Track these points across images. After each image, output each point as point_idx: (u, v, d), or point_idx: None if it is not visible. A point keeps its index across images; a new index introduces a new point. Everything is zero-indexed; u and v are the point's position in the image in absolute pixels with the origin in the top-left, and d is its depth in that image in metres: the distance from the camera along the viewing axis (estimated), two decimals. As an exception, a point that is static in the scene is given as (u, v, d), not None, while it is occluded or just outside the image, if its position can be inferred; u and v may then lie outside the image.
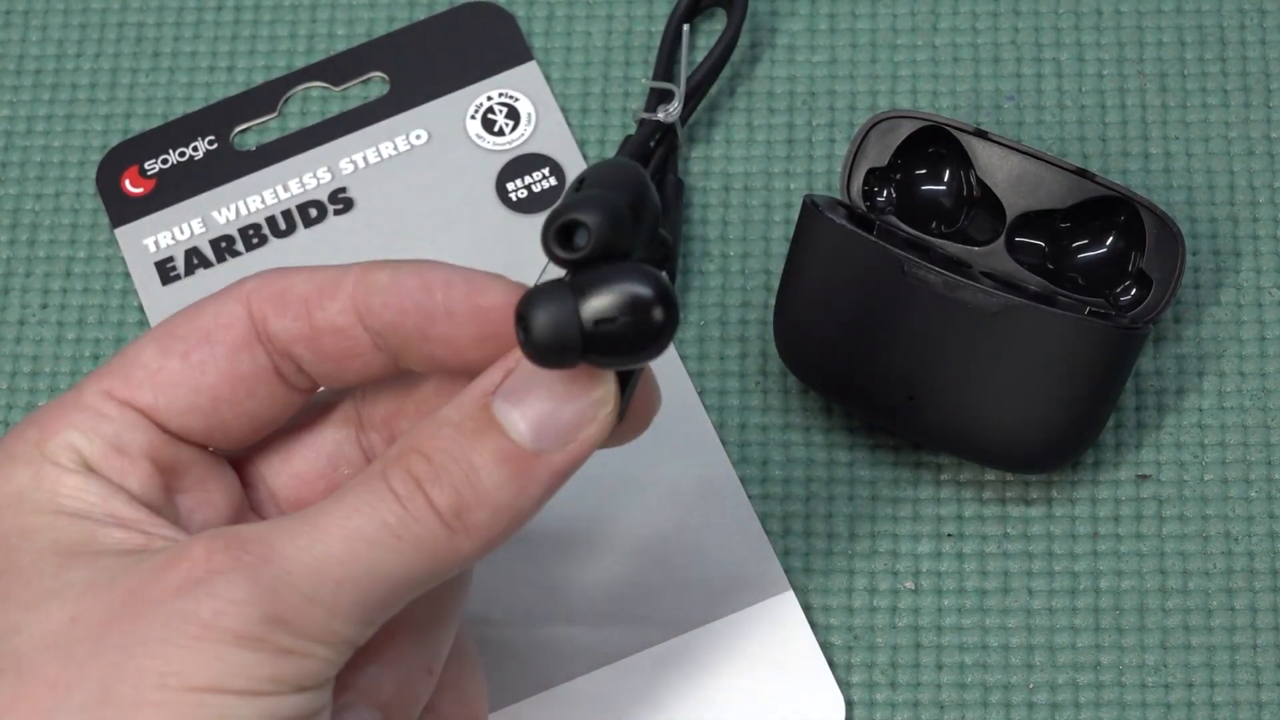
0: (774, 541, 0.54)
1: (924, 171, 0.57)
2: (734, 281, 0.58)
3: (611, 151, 0.59)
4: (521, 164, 0.59)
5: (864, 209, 0.56)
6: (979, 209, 0.56)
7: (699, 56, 0.60)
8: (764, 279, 0.58)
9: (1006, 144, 0.55)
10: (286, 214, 0.59)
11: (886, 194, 0.57)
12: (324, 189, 0.59)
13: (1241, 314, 0.57)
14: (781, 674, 0.53)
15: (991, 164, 0.55)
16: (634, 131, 0.59)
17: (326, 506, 0.41)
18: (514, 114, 0.60)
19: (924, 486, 0.55)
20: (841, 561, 0.54)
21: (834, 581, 0.54)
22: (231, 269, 0.58)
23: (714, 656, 0.53)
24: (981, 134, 0.55)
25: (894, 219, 0.56)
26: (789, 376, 0.57)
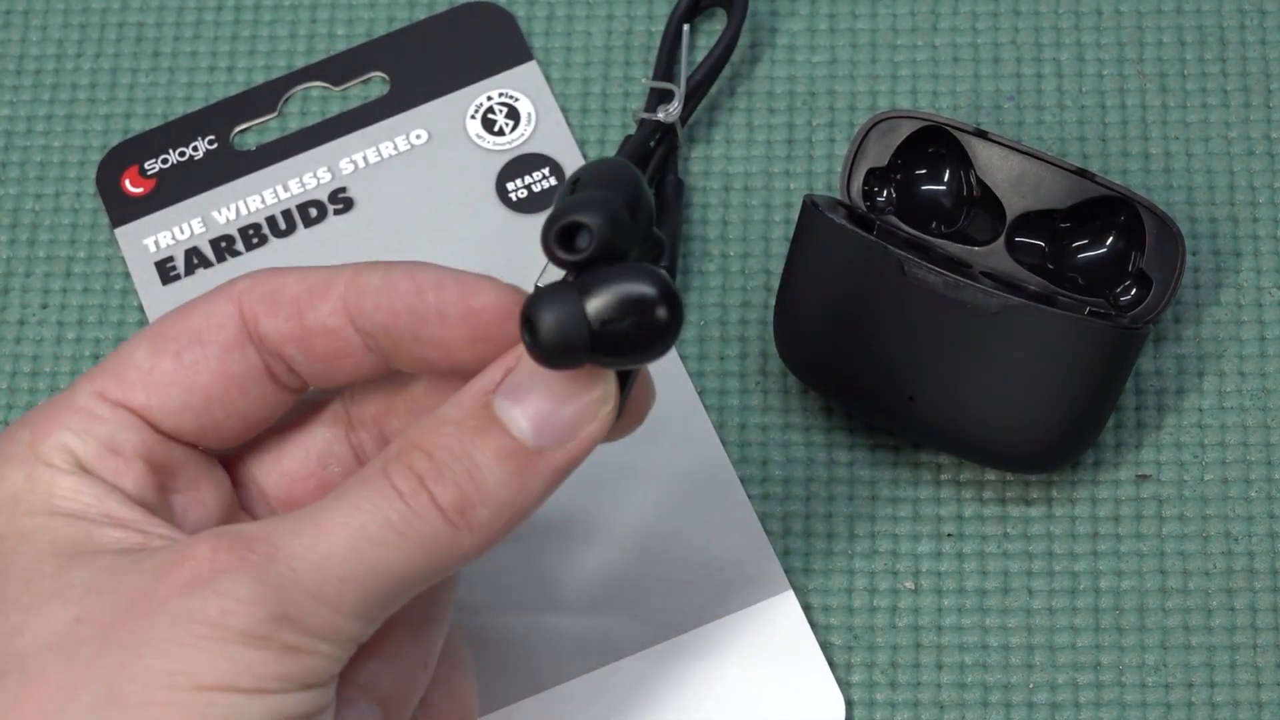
0: (774, 541, 0.54)
1: (924, 171, 0.57)
2: (734, 281, 0.58)
3: (612, 151, 0.59)
4: (521, 164, 0.59)
5: (864, 209, 0.56)
6: (979, 209, 0.56)
7: (699, 56, 0.60)
8: (764, 279, 0.58)
9: (1006, 144, 0.55)
10: (286, 214, 0.59)
11: (886, 194, 0.57)
12: (324, 189, 0.59)
13: (1241, 314, 0.57)
14: (781, 674, 0.53)
15: (991, 164, 0.55)
16: (634, 131, 0.59)
17: (328, 504, 0.41)
18: (514, 114, 0.60)
19: (924, 486, 0.55)
20: (841, 561, 0.54)
21: (834, 581, 0.54)
22: (232, 269, 0.58)
23: (714, 656, 0.53)
24: (981, 134, 0.55)
25: (894, 219, 0.56)
26: (789, 376, 0.56)
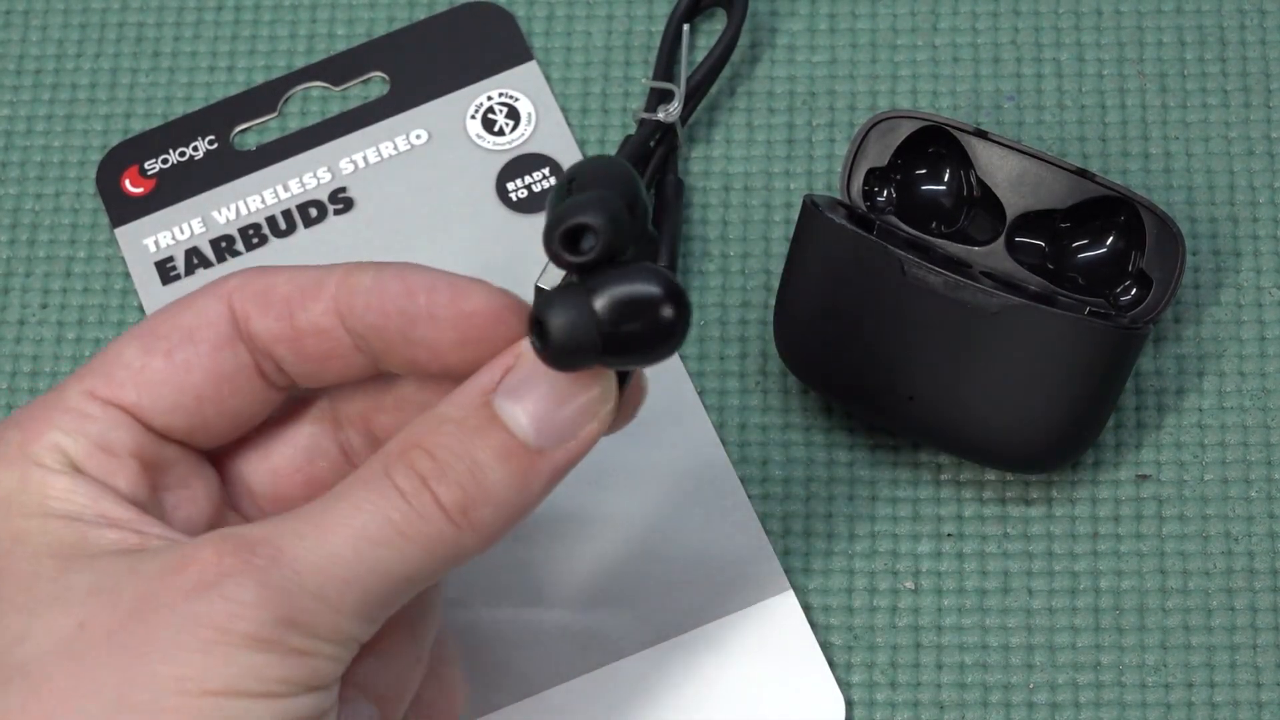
0: (774, 541, 0.54)
1: (924, 171, 0.57)
2: (734, 281, 0.58)
3: (613, 152, 0.59)
4: (521, 164, 0.59)
5: (864, 209, 0.56)
6: (979, 209, 0.56)
7: (699, 56, 0.60)
8: (764, 279, 0.58)
9: (1006, 144, 0.55)
10: (286, 214, 0.59)
11: (886, 194, 0.57)
12: (324, 189, 0.59)
13: (1241, 314, 0.57)
14: (781, 674, 0.53)
15: (991, 164, 0.55)
16: (634, 131, 0.59)
17: (328, 504, 0.41)
18: (514, 114, 0.60)
19: (924, 486, 0.55)
20: (841, 561, 0.54)
21: (834, 581, 0.54)
22: (231, 269, 0.58)
23: (713, 656, 0.53)
24: (981, 134, 0.55)
25: (894, 219, 0.56)
26: (789, 376, 0.56)
